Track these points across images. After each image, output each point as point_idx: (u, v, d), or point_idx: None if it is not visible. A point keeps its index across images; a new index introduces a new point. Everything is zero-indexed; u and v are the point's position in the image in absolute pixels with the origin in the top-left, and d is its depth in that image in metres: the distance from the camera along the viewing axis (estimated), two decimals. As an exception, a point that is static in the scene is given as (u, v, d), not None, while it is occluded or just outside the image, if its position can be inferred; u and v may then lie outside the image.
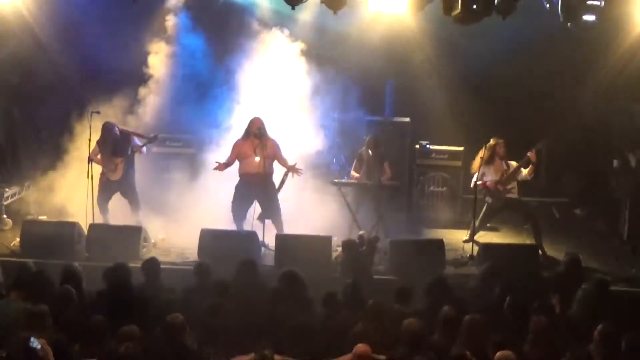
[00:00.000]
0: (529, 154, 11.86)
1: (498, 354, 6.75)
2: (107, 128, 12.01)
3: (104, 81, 13.13)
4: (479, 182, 12.04)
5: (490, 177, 12.09)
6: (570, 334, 7.90)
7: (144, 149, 12.24)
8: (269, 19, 13.16)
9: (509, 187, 12.08)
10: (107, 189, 12.10)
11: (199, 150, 13.26)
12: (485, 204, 12.26)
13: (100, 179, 12.04)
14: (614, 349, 7.17)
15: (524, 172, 12.04)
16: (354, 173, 12.62)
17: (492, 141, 12.06)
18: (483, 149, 12.08)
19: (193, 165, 13.16)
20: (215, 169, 11.75)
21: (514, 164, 12.14)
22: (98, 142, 12.02)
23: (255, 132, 11.70)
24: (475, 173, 12.13)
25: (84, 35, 13.32)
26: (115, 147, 12.06)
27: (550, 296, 9.13)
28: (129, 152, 12.09)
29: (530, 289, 9.21)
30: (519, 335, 7.61)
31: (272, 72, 12.87)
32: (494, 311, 8.22)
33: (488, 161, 12.09)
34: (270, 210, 11.87)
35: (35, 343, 6.77)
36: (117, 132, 12.07)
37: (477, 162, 12.14)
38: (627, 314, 8.40)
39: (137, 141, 12.18)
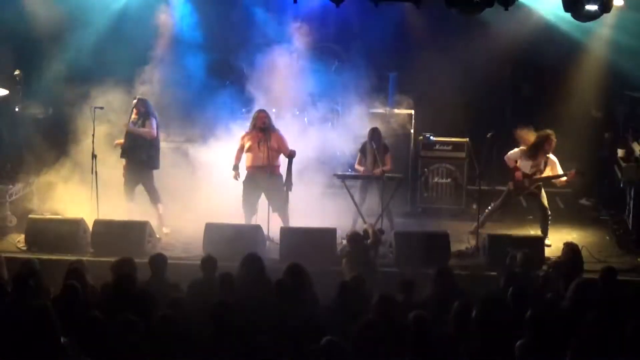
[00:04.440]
0: (571, 171, 11.76)
1: None
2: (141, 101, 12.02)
3: (106, 76, 13.11)
4: (513, 162, 11.91)
5: (524, 167, 11.92)
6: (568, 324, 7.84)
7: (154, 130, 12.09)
8: (272, 9, 13.15)
9: (534, 186, 11.98)
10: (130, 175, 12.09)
11: (202, 145, 13.21)
12: (506, 190, 12.18)
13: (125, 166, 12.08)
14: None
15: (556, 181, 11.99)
16: (358, 167, 12.56)
17: (544, 132, 11.81)
18: (534, 133, 11.88)
19: (196, 159, 13.11)
20: (235, 177, 11.81)
21: (553, 160, 11.91)
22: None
23: (260, 125, 11.68)
24: (515, 151, 12.02)
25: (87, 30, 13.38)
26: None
27: None
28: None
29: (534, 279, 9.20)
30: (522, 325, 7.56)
31: (276, 64, 12.84)
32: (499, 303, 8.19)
33: (531, 151, 11.88)
34: (277, 203, 11.85)
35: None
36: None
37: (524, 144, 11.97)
38: (633, 303, 8.37)
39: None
